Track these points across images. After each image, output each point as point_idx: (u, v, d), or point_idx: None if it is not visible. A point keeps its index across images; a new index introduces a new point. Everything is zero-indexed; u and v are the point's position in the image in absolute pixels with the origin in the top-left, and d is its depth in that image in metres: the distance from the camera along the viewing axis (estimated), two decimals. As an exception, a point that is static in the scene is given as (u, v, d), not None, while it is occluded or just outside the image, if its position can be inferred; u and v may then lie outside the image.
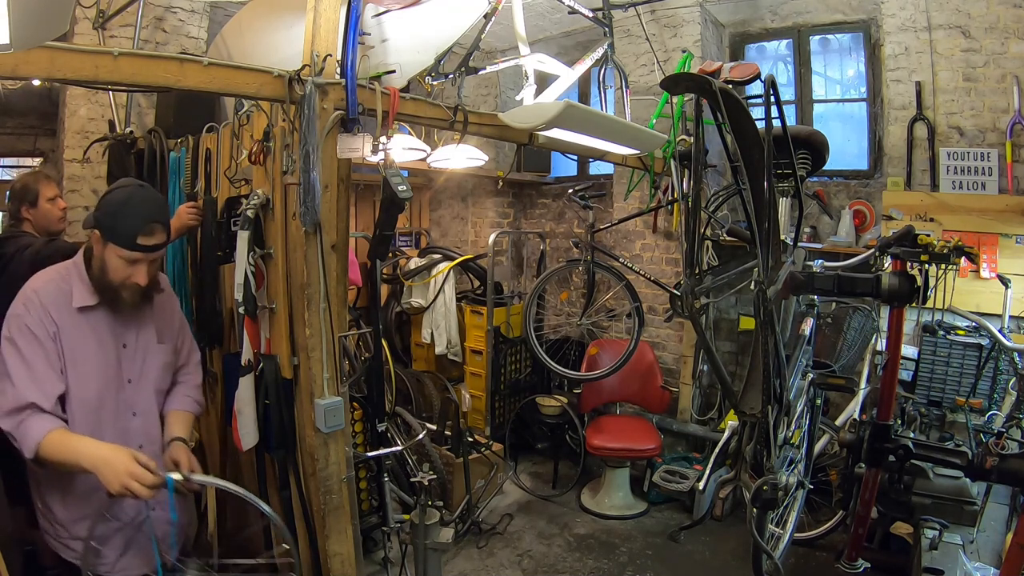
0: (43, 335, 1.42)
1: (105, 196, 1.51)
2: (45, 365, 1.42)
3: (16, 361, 1.40)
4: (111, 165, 3.06)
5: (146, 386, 1.62)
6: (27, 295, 1.45)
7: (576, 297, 4.25)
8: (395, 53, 2.28)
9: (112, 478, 1.33)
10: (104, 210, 1.47)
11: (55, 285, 1.49)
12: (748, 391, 1.70)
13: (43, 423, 1.39)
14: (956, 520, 2.08)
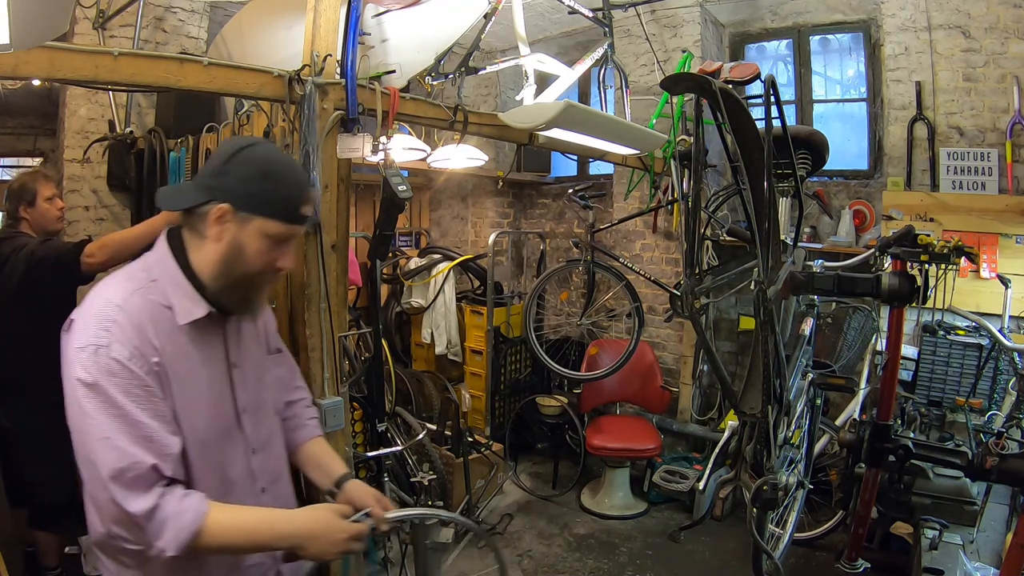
0: (143, 370, 0.97)
1: (231, 158, 1.05)
2: (152, 413, 0.98)
3: (111, 415, 0.94)
4: (111, 165, 3.06)
5: (264, 414, 1.21)
6: (105, 316, 0.97)
7: (576, 297, 4.25)
8: (395, 53, 2.28)
9: (328, 548, 1.08)
10: (240, 175, 1.03)
11: (142, 297, 1.01)
12: (748, 391, 1.70)
13: (190, 503, 0.98)
14: (956, 520, 2.08)
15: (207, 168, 1.06)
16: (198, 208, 1.04)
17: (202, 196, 1.03)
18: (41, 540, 2.40)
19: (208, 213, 1.03)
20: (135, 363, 0.96)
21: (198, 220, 1.05)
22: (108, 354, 0.94)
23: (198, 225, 1.05)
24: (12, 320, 2.24)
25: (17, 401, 2.26)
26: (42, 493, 2.32)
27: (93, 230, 3.13)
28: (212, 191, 1.03)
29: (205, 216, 1.04)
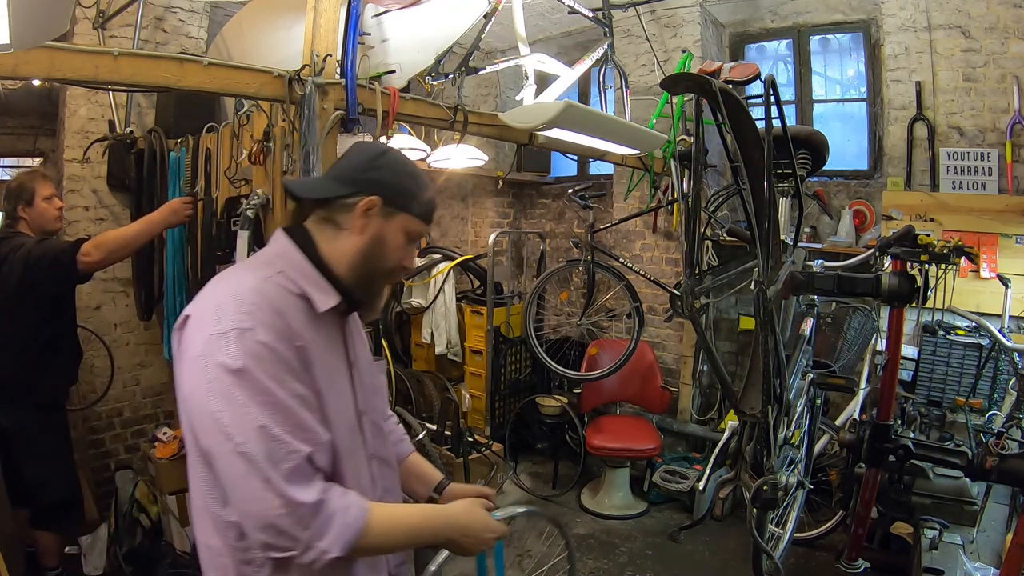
0: (290, 353, 0.91)
1: (381, 156, 1.06)
2: (300, 400, 0.91)
3: (263, 402, 0.87)
4: (111, 165, 3.06)
5: (377, 419, 1.16)
6: (244, 300, 0.90)
7: (576, 297, 4.26)
8: (395, 53, 2.28)
9: (476, 544, 1.09)
10: (392, 171, 1.05)
11: (274, 285, 0.96)
12: (748, 391, 1.70)
13: (353, 498, 0.93)
14: (956, 520, 2.08)
15: (349, 165, 1.05)
16: (342, 199, 1.02)
17: (347, 188, 1.02)
18: (41, 540, 2.40)
19: (356, 205, 1.02)
20: (282, 346, 0.90)
21: (339, 211, 1.03)
22: (254, 337, 0.87)
23: (337, 217, 1.03)
24: (12, 320, 2.24)
25: (17, 401, 2.26)
26: (42, 493, 2.33)
27: (93, 230, 3.13)
28: (360, 184, 1.02)
29: (350, 208, 1.02)
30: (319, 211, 1.05)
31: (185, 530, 2.78)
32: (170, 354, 2.85)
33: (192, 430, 0.91)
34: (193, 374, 0.89)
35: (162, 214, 2.37)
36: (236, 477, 0.86)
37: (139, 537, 2.82)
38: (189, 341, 0.91)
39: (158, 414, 3.35)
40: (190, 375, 0.89)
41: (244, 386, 0.86)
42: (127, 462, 3.20)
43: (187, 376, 0.90)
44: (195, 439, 0.91)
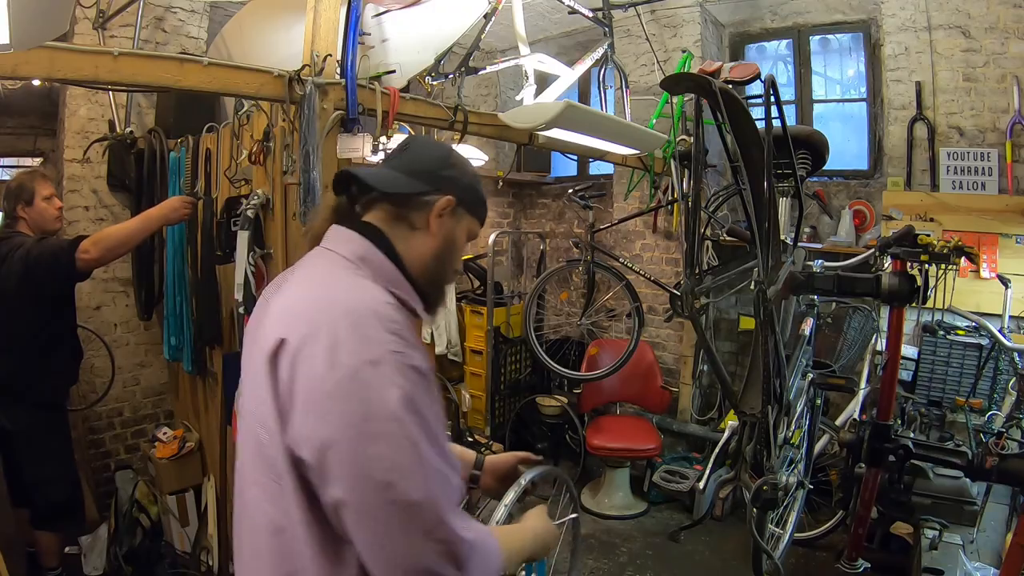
0: (431, 378, 0.83)
1: (452, 156, 1.01)
2: (442, 426, 0.84)
3: (429, 435, 0.77)
4: (111, 165, 3.06)
5: None
6: (388, 318, 0.79)
7: (576, 297, 4.25)
8: (395, 53, 2.28)
9: (545, 552, 1.13)
10: (464, 172, 1.00)
11: (385, 297, 0.84)
12: (748, 391, 1.70)
13: (481, 527, 0.89)
14: (956, 520, 2.08)
15: (422, 161, 0.97)
16: (420, 196, 0.94)
17: (425, 185, 0.95)
18: (41, 540, 2.41)
19: (433, 203, 0.95)
20: (427, 369, 0.81)
21: (414, 209, 0.94)
22: (410, 362, 0.77)
23: (411, 215, 0.94)
24: (11, 320, 2.24)
25: (17, 402, 2.26)
26: (42, 494, 2.33)
27: (93, 230, 3.10)
28: (438, 182, 0.96)
29: (427, 206, 0.95)
30: (386, 207, 0.94)
31: (185, 530, 2.78)
32: (170, 354, 2.87)
33: (323, 479, 0.74)
34: (338, 413, 0.73)
35: (161, 211, 2.36)
36: (392, 528, 0.73)
37: (139, 537, 2.82)
38: (314, 371, 0.74)
39: (158, 414, 3.35)
40: (329, 414, 0.73)
41: (413, 423, 0.74)
42: (127, 462, 3.20)
43: (324, 416, 0.73)
44: (319, 491, 0.75)
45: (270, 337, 0.79)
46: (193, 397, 2.99)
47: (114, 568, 2.69)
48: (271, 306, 0.88)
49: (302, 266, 0.93)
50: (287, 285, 0.90)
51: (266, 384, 0.78)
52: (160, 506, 2.90)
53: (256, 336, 0.86)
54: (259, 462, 0.81)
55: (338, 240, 0.92)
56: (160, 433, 2.92)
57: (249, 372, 0.85)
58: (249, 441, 0.83)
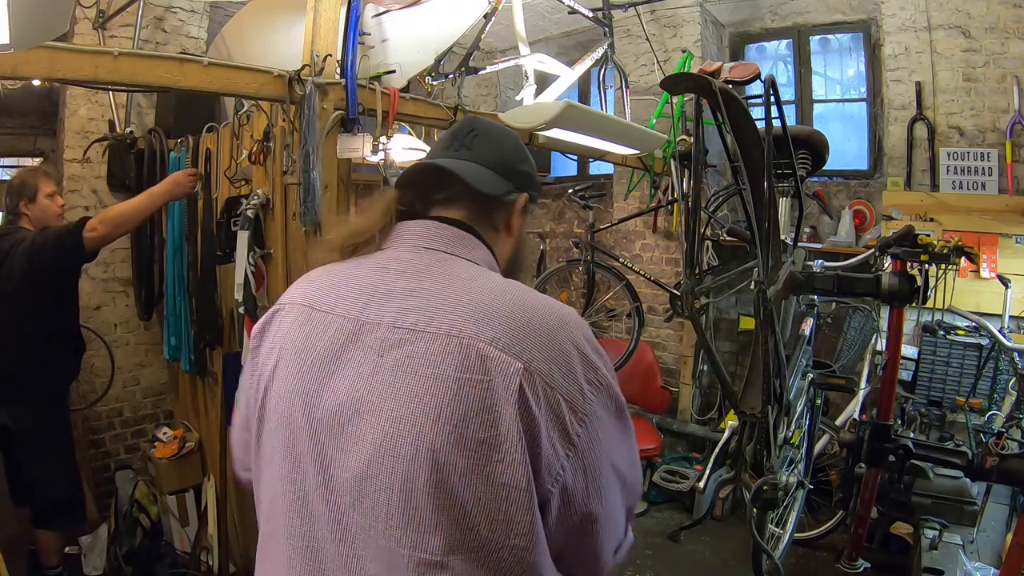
0: None
1: (520, 143, 0.92)
2: None
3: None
4: (111, 165, 3.06)
5: None
6: (587, 328, 0.78)
7: (576, 297, 4.25)
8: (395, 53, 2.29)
9: None
10: (531, 163, 0.92)
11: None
12: (748, 391, 1.70)
13: None
14: (956, 520, 2.08)
15: (500, 152, 0.87)
16: (506, 197, 0.86)
17: (510, 184, 0.86)
18: (41, 539, 2.41)
19: (514, 203, 0.87)
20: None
21: (497, 209, 0.86)
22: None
23: (494, 215, 0.86)
24: (14, 315, 2.24)
25: (19, 398, 2.26)
26: (43, 492, 2.33)
27: (93, 229, 3.13)
28: (517, 179, 0.87)
29: (508, 206, 0.87)
30: (469, 205, 0.84)
31: (185, 530, 2.78)
32: (170, 354, 2.87)
33: (572, 500, 0.71)
34: (598, 425, 0.72)
35: (166, 186, 2.36)
36: (615, 523, 0.78)
37: (139, 537, 2.82)
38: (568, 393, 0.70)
39: (158, 414, 3.35)
40: (596, 428, 0.72)
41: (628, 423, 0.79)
42: (127, 462, 3.20)
43: (594, 426, 0.71)
44: (561, 515, 0.71)
45: (492, 362, 0.67)
46: (193, 397, 2.99)
47: (114, 568, 2.69)
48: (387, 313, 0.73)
49: (415, 270, 0.77)
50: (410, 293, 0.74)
51: (511, 424, 0.66)
52: (160, 506, 2.90)
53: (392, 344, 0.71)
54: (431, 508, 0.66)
55: (455, 244, 0.81)
56: (160, 433, 2.92)
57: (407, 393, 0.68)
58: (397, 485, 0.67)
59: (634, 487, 0.81)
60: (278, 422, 0.76)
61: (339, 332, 0.75)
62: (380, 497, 0.68)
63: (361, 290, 0.77)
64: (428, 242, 0.80)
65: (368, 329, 0.73)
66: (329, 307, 0.77)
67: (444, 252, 0.80)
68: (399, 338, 0.70)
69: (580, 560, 0.75)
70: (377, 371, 0.70)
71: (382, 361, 0.70)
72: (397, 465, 0.67)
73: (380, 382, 0.70)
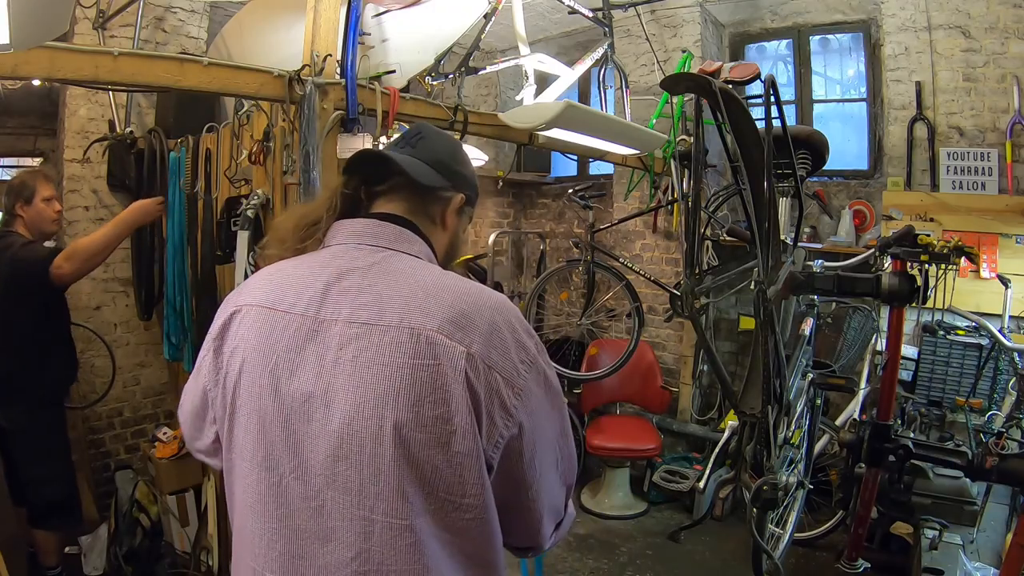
0: None
1: (460, 150, 1.02)
2: None
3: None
4: (111, 165, 3.06)
5: None
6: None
7: (576, 297, 4.25)
8: (395, 53, 2.29)
9: None
10: (468, 166, 1.02)
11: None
12: (748, 391, 1.70)
13: None
14: (956, 520, 2.08)
15: (437, 153, 0.96)
16: (441, 191, 0.95)
17: (445, 180, 0.95)
18: (40, 539, 2.41)
19: (449, 199, 0.96)
20: None
21: (433, 203, 0.95)
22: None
23: (430, 209, 0.95)
24: (4, 319, 2.24)
25: (14, 400, 2.26)
26: (39, 492, 2.32)
27: (92, 230, 3.12)
28: (454, 178, 0.97)
29: (444, 202, 0.96)
30: (408, 197, 0.93)
31: (185, 530, 2.78)
32: (170, 354, 2.87)
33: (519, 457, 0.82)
34: (535, 401, 0.83)
35: (133, 214, 2.37)
36: (550, 493, 0.89)
37: (139, 537, 2.82)
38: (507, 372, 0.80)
39: (158, 414, 3.35)
40: (527, 405, 0.81)
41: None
42: (127, 462, 3.20)
43: (523, 408, 0.81)
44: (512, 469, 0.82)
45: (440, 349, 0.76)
46: (193, 397, 2.98)
47: (114, 568, 2.70)
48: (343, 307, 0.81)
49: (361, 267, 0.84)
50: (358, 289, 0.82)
51: (460, 400, 0.75)
52: (160, 506, 2.90)
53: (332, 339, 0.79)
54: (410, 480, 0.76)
55: (396, 240, 0.89)
56: (160, 433, 2.92)
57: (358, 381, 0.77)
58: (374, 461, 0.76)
59: (569, 460, 0.91)
60: (249, 416, 0.83)
61: (299, 329, 0.82)
62: (352, 473, 0.76)
63: (316, 289, 0.83)
64: (373, 240, 0.88)
65: (326, 326, 0.80)
66: (288, 307, 0.84)
67: (388, 249, 0.87)
68: (355, 332, 0.79)
69: (522, 526, 0.87)
70: (338, 363, 0.78)
71: (342, 354, 0.78)
72: (365, 444, 0.75)
73: (342, 372, 0.78)
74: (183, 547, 2.78)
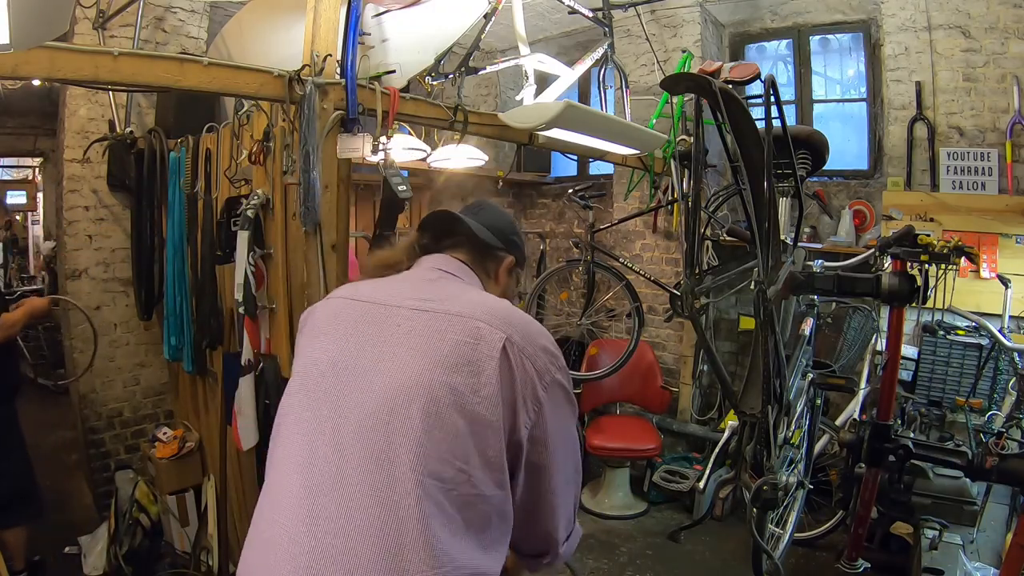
0: None
1: (516, 226, 1.24)
2: None
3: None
4: (111, 165, 3.06)
5: None
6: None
7: (576, 297, 4.25)
8: (395, 53, 2.28)
9: None
10: (522, 238, 1.24)
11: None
12: (748, 391, 1.70)
13: None
14: (956, 520, 2.08)
15: (499, 223, 1.17)
16: (498, 251, 1.15)
17: (501, 243, 1.15)
18: (8, 540, 2.38)
19: (503, 259, 1.16)
20: None
21: (490, 260, 1.15)
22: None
23: (487, 264, 1.15)
24: None
25: None
26: None
27: (93, 230, 3.13)
28: (509, 244, 1.17)
29: (499, 260, 1.16)
30: (470, 252, 1.12)
31: (185, 530, 2.78)
32: (170, 354, 2.87)
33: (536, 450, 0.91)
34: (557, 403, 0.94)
35: (19, 315, 2.37)
36: (565, 494, 0.99)
37: (139, 537, 2.82)
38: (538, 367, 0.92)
39: (158, 414, 3.35)
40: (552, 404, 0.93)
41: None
42: (127, 462, 3.20)
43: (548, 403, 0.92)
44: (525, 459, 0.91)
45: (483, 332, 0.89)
46: (193, 397, 2.99)
47: (114, 568, 2.70)
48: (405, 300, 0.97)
49: (435, 280, 1.04)
50: (430, 292, 0.99)
51: (492, 374, 0.86)
52: (160, 506, 2.90)
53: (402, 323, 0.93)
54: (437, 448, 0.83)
55: (462, 271, 1.09)
56: (160, 433, 2.92)
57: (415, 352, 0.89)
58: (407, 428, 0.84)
59: (576, 460, 1.02)
60: (305, 373, 0.96)
61: (368, 311, 0.97)
62: (379, 425, 0.84)
63: (391, 287, 1.03)
64: (442, 265, 1.08)
65: (391, 310, 0.96)
66: (365, 297, 1.00)
67: (451, 274, 1.07)
68: (416, 315, 0.93)
69: (540, 528, 0.97)
70: (394, 335, 0.92)
71: (399, 329, 0.92)
72: (398, 399, 0.85)
73: (395, 342, 0.91)
74: (183, 547, 2.78)
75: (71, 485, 3.41)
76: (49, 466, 3.40)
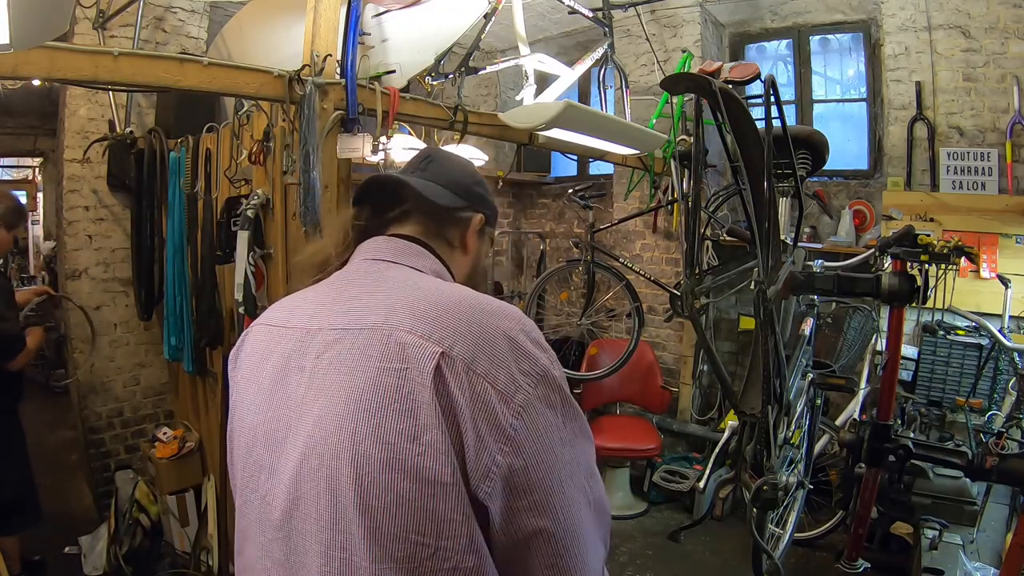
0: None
1: (475, 171, 0.98)
2: None
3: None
4: (111, 165, 3.06)
5: None
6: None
7: (576, 297, 4.25)
8: (395, 53, 2.29)
9: None
10: (484, 186, 0.97)
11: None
12: (748, 391, 1.70)
13: None
14: (956, 520, 2.08)
15: (455, 175, 0.92)
16: (459, 212, 0.90)
17: (463, 201, 0.90)
18: (5, 546, 2.38)
19: (469, 221, 0.91)
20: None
21: (451, 226, 0.90)
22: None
23: (448, 231, 0.90)
24: None
25: None
26: None
27: (93, 230, 3.13)
28: (472, 199, 0.91)
29: (463, 223, 0.91)
30: (423, 221, 0.87)
31: (185, 530, 2.78)
32: (170, 354, 2.87)
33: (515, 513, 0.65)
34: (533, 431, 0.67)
35: (34, 344, 2.36)
36: (581, 551, 0.74)
37: (139, 537, 2.82)
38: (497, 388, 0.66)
39: (158, 414, 3.35)
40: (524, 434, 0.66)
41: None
42: (127, 462, 3.20)
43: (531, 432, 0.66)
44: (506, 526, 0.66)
45: (409, 350, 0.65)
46: (193, 397, 2.99)
47: (114, 568, 2.69)
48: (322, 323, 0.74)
49: (360, 279, 0.79)
50: (352, 299, 0.75)
51: (429, 411, 0.63)
52: (160, 506, 2.90)
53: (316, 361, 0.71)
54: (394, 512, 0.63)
55: (401, 253, 0.83)
56: (160, 433, 2.92)
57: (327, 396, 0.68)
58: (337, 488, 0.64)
59: (599, 505, 0.75)
60: (241, 434, 0.78)
61: (289, 342, 0.75)
62: (310, 498, 0.66)
63: (314, 302, 0.78)
64: (375, 254, 0.82)
65: (312, 335, 0.73)
66: (284, 322, 0.78)
67: (387, 261, 0.81)
68: (333, 338, 0.71)
69: None
70: (314, 373, 0.70)
71: (318, 363, 0.70)
72: (323, 462, 0.65)
73: (316, 383, 0.69)
74: (183, 547, 2.78)
75: (71, 485, 3.41)
76: (49, 466, 3.40)
